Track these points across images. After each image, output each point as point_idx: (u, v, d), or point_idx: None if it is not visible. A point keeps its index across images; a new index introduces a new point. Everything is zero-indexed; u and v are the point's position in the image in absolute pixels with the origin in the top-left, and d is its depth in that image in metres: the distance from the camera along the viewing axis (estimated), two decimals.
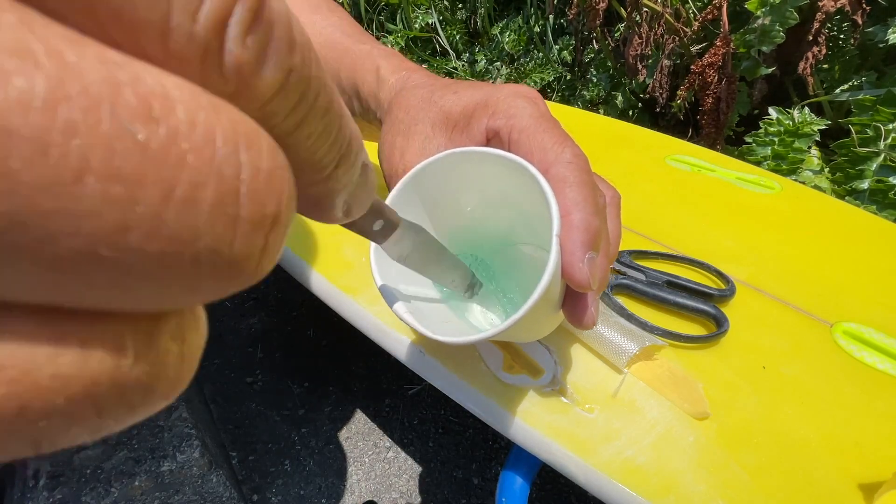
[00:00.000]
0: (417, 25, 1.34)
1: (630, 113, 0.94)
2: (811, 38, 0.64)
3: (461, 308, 0.28)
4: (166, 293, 0.06)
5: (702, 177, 0.51)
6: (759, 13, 0.65)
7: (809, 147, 0.64)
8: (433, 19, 1.31)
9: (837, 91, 0.68)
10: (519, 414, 0.27)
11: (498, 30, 1.21)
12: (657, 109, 0.83)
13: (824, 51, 0.65)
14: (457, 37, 1.29)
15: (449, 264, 0.23)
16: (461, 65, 1.25)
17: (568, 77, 1.04)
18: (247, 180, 0.06)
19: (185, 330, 0.07)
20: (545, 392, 0.28)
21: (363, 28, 0.39)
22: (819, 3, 0.62)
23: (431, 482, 0.50)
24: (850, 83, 0.67)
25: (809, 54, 0.65)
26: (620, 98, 0.93)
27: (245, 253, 0.07)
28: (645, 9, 0.75)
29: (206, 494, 0.35)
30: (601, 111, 0.96)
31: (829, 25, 0.68)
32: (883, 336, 0.31)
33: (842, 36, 0.69)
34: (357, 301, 0.35)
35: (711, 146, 0.73)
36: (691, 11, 0.77)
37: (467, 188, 0.25)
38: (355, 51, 0.35)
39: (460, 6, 1.32)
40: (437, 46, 1.34)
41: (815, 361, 0.30)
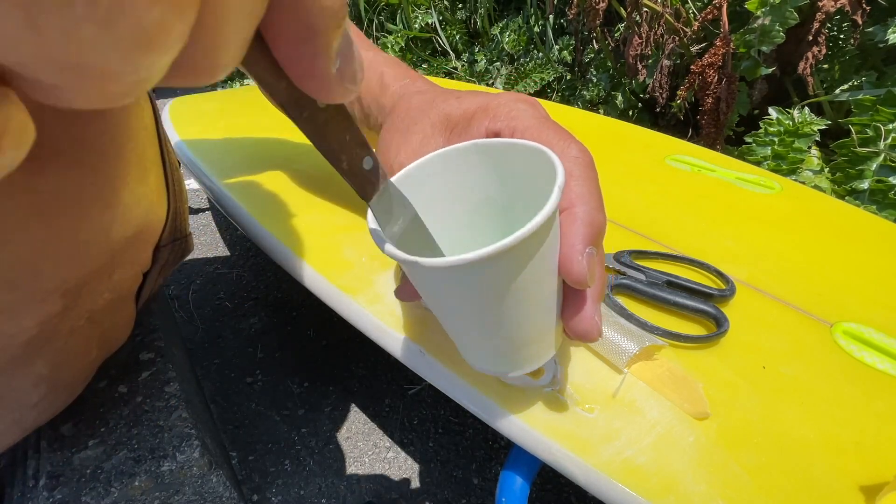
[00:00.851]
0: (417, 26, 1.34)
1: (630, 113, 0.94)
2: (811, 38, 0.64)
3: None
4: None
5: (702, 177, 0.51)
6: (759, 13, 0.65)
7: (809, 147, 0.64)
8: (433, 19, 1.31)
9: (837, 91, 0.68)
10: (519, 414, 0.27)
11: (498, 30, 1.21)
12: (657, 109, 0.83)
13: (824, 51, 0.65)
14: (457, 37, 1.29)
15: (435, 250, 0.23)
16: (461, 65, 1.25)
17: (568, 77, 1.04)
18: None
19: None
20: (545, 392, 0.28)
21: (363, 33, 0.39)
22: (819, 3, 0.62)
23: (431, 482, 0.50)
24: (850, 83, 0.67)
25: (809, 54, 0.65)
26: (620, 98, 0.93)
27: None
28: (645, 9, 0.76)
29: (206, 494, 0.35)
30: (601, 111, 0.96)
31: (829, 25, 0.68)
32: (883, 336, 0.31)
33: (842, 36, 0.69)
34: (357, 301, 0.35)
35: (711, 146, 0.73)
36: (691, 11, 0.77)
37: (459, 188, 0.25)
38: None
39: (460, 6, 1.32)
40: (437, 46, 1.34)
41: (815, 361, 0.30)
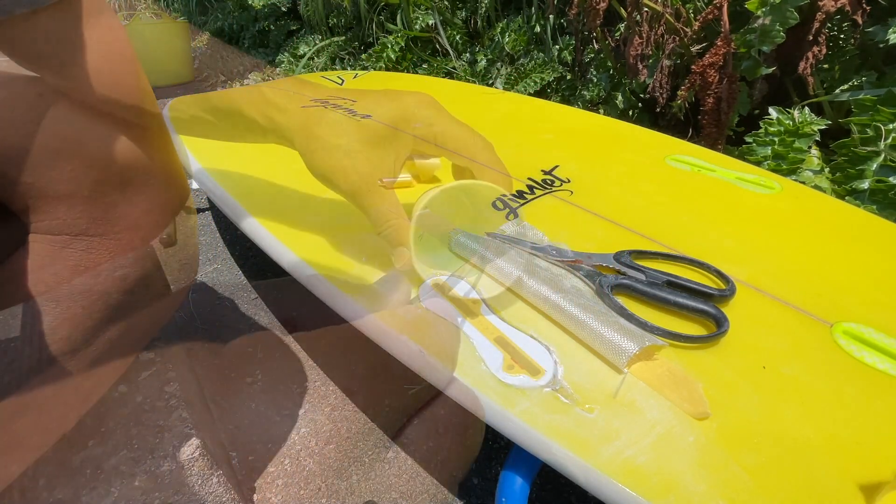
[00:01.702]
0: (418, 26, 1.34)
1: (630, 113, 0.94)
2: (811, 38, 0.64)
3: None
4: None
5: (702, 177, 0.51)
6: (760, 13, 0.65)
7: (809, 147, 0.64)
8: (433, 20, 1.31)
9: (837, 91, 0.67)
10: (519, 414, 0.27)
11: (498, 30, 1.21)
12: (657, 109, 0.83)
13: (824, 51, 0.65)
14: (457, 37, 1.29)
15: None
16: (461, 65, 1.25)
17: (568, 77, 1.04)
18: None
19: None
20: (545, 392, 0.28)
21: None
22: (819, 3, 0.62)
23: (431, 482, 0.50)
24: (851, 83, 0.67)
25: (809, 54, 0.65)
26: (620, 98, 0.93)
27: None
28: (645, 9, 0.75)
29: (206, 494, 0.35)
30: (601, 111, 0.96)
31: (830, 25, 0.68)
32: (883, 336, 0.31)
33: (842, 36, 0.69)
34: (357, 301, 0.35)
35: (712, 146, 0.73)
36: (692, 11, 0.77)
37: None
38: None
39: (460, 6, 1.32)
40: (438, 46, 1.34)
41: (815, 361, 0.30)
